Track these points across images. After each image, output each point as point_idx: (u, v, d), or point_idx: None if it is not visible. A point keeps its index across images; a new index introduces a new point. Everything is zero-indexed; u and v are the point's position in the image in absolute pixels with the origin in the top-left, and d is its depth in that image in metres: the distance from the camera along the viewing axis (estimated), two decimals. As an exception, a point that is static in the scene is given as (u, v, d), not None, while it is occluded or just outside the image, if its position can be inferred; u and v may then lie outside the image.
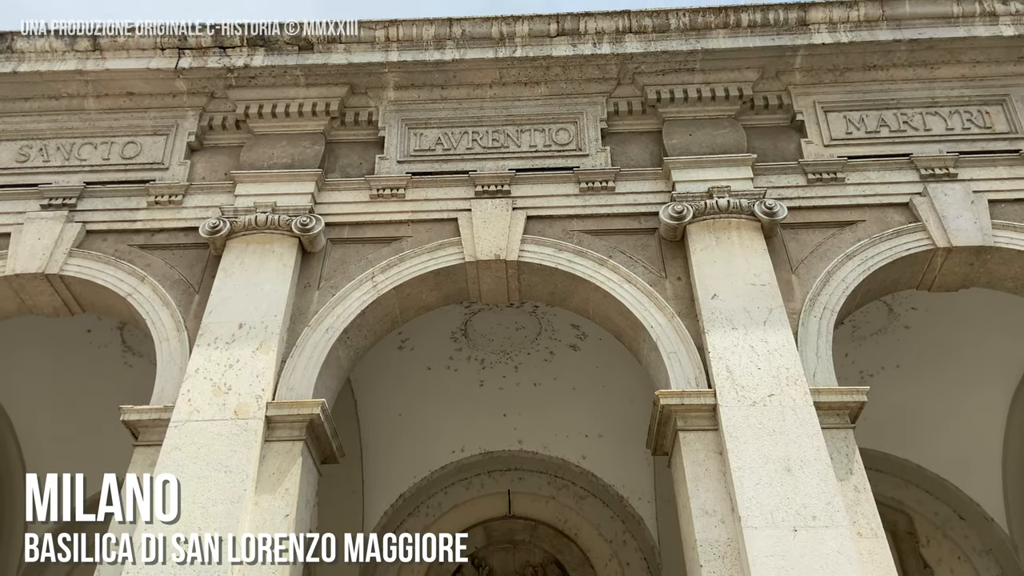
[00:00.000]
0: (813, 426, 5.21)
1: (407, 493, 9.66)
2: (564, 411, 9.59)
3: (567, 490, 9.89)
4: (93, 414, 8.73)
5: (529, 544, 9.63)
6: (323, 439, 5.77)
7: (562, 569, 9.40)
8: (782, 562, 4.63)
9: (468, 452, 9.93)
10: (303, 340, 6.02)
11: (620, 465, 9.59)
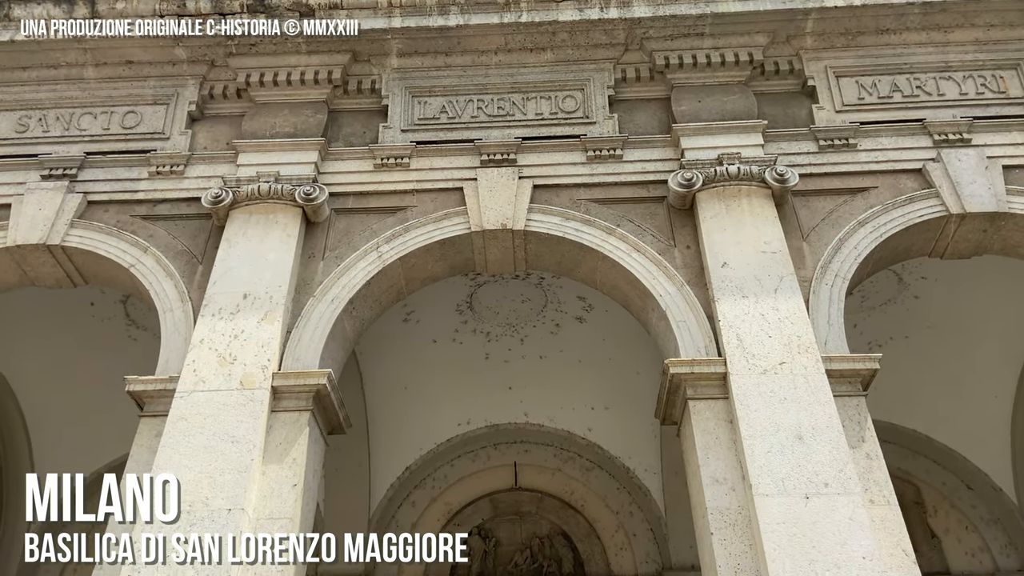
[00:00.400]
0: (825, 394, 5.15)
1: (413, 466, 9.67)
2: (570, 383, 9.56)
3: (573, 462, 9.89)
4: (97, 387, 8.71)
5: (535, 516, 9.65)
6: (330, 409, 5.73)
7: (568, 540, 9.42)
8: (793, 529, 4.59)
9: (474, 425, 9.92)
10: (308, 311, 5.96)
11: (626, 437, 9.58)
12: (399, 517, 9.58)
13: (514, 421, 9.90)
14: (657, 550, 9.15)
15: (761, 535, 4.60)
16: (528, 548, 9.31)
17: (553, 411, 9.82)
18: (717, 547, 4.75)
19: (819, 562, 4.46)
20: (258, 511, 4.99)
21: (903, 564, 4.59)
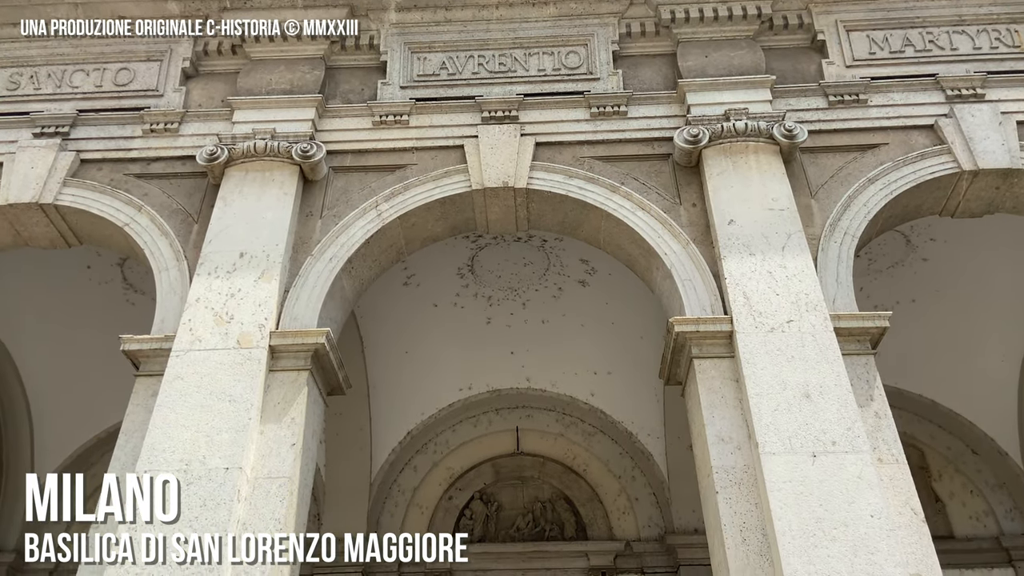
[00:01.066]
0: (833, 352, 5.05)
1: (415, 431, 9.63)
2: (573, 348, 9.48)
3: (576, 427, 9.85)
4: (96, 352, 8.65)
5: (538, 480, 9.62)
6: (329, 369, 5.65)
7: (571, 504, 9.40)
8: (800, 488, 4.52)
9: (476, 390, 9.87)
10: (306, 270, 5.85)
11: (629, 402, 9.52)
12: (401, 481, 9.56)
13: (516, 386, 9.83)
14: (660, 514, 9.13)
15: (767, 493, 4.52)
16: (530, 512, 9.30)
17: (555, 376, 9.75)
18: (722, 506, 4.68)
19: (826, 520, 4.39)
20: (256, 470, 4.92)
21: (911, 523, 4.51)
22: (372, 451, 9.33)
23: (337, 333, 6.02)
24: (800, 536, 4.35)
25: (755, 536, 4.55)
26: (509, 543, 8.94)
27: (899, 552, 4.27)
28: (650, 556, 8.80)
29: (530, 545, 8.86)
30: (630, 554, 8.87)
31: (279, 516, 4.75)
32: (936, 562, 4.37)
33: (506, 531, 9.20)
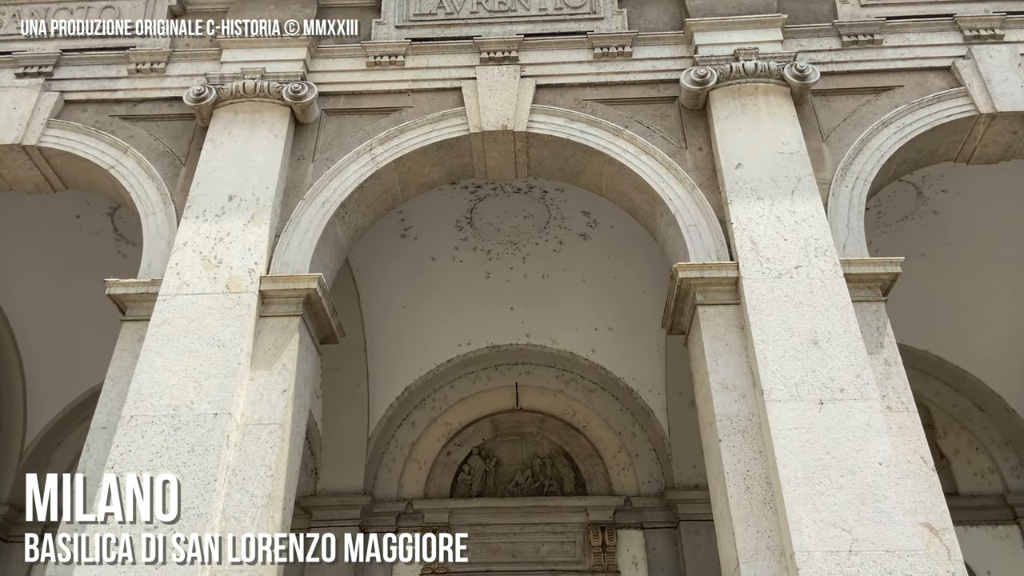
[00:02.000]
0: (843, 298, 4.87)
1: (413, 386, 9.50)
2: (573, 303, 9.31)
3: (576, 383, 9.72)
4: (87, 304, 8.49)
5: (537, 436, 9.52)
6: (321, 316, 5.48)
7: (570, 460, 9.31)
8: (807, 435, 4.37)
9: (475, 346, 9.72)
10: (298, 214, 5.66)
11: (630, 358, 9.38)
12: (399, 437, 9.46)
13: (515, 342, 9.69)
14: (660, 470, 9.04)
15: (772, 441, 4.38)
16: (529, 468, 9.21)
17: (556, 332, 9.60)
18: (725, 454, 4.54)
19: (833, 468, 4.25)
20: (246, 416, 4.79)
21: (921, 471, 4.38)
22: (369, 406, 9.21)
23: (330, 280, 5.86)
24: (805, 484, 4.21)
25: (759, 484, 4.42)
26: (508, 498, 8.87)
27: (908, 500, 4.14)
28: (650, 511, 8.73)
29: (529, 500, 8.78)
30: (629, 509, 8.80)
31: (270, 463, 4.63)
32: (946, 511, 4.24)
33: (505, 486, 9.12)
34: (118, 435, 4.54)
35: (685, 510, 8.45)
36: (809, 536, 4.05)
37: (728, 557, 4.42)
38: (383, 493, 9.05)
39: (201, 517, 4.27)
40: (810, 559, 3.99)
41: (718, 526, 4.68)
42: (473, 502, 8.83)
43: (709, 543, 8.31)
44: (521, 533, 8.69)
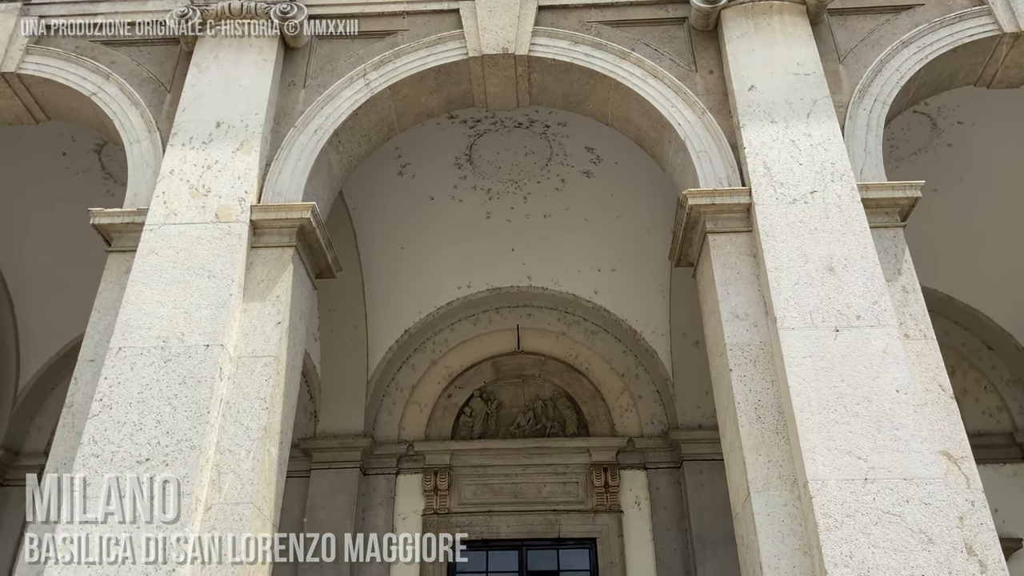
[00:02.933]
0: (860, 223, 4.67)
1: (412, 329, 9.35)
2: (575, 244, 9.10)
3: (578, 326, 9.58)
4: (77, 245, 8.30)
5: (539, 379, 9.41)
6: (316, 248, 5.28)
7: (572, 402, 9.22)
8: (821, 363, 4.21)
9: (475, 288, 9.54)
10: (289, 142, 5.41)
11: (634, 299, 9.21)
12: (399, 379, 9.35)
13: (517, 284, 9.50)
14: (663, 411, 8.95)
15: (785, 370, 4.22)
16: (531, 410, 9.12)
17: (557, 273, 9.41)
18: (736, 384, 4.38)
19: (848, 396, 4.10)
20: (239, 349, 4.62)
21: (939, 399, 4.23)
22: (368, 349, 9.07)
23: (325, 212, 5.64)
24: (819, 412, 4.07)
25: (770, 414, 4.28)
26: (510, 439, 8.79)
27: (926, 428, 3.99)
28: (653, 452, 8.66)
29: (531, 441, 8.70)
30: (632, 450, 8.73)
31: (264, 395, 4.47)
32: (965, 439, 4.10)
33: (506, 428, 9.04)
34: (106, 367, 4.38)
35: (688, 450, 8.38)
36: (823, 464, 3.92)
37: (738, 488, 4.29)
38: (384, 435, 8.97)
39: (195, 449, 4.13)
40: (824, 487, 3.86)
41: (727, 458, 4.55)
42: (475, 443, 8.76)
43: (712, 482, 8.29)
44: (523, 474, 8.63)
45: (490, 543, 8.37)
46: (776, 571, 3.84)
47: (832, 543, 3.71)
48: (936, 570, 3.60)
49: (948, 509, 3.76)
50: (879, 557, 3.65)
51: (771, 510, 4.00)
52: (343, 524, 8.17)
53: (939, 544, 3.67)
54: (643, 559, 8.17)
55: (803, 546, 3.89)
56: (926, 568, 3.61)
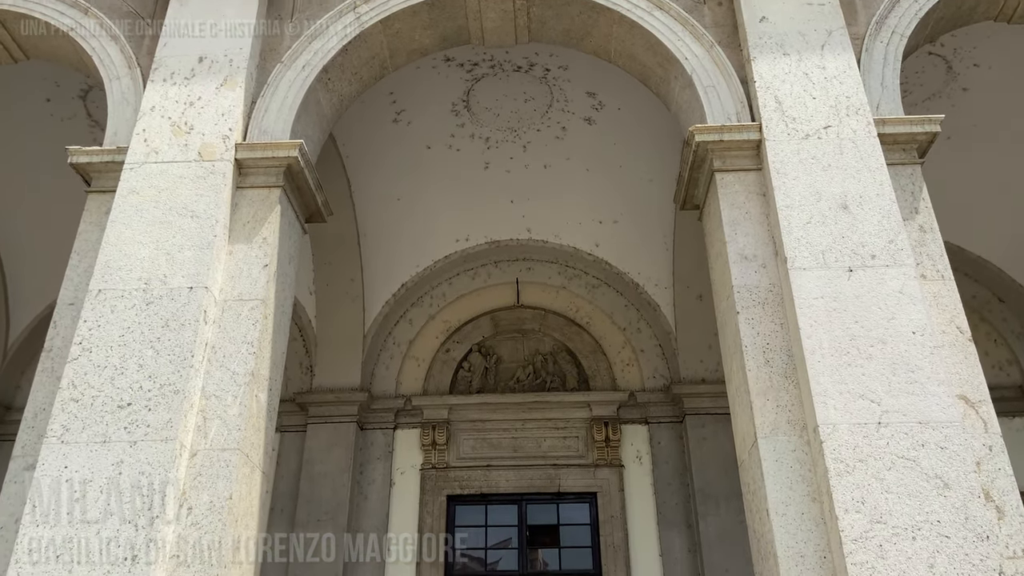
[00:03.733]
0: (876, 159, 4.44)
1: (409, 283, 9.15)
2: (576, 195, 8.87)
3: (579, 279, 9.37)
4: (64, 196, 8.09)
5: (538, 333, 9.23)
6: (305, 190, 5.05)
7: (573, 357, 9.05)
8: (834, 304, 4.02)
9: (473, 241, 9.32)
10: (275, 78, 5.15)
11: (636, 251, 9.00)
12: (396, 334, 9.18)
13: (516, 237, 9.29)
14: (666, 365, 8.79)
15: (796, 311, 4.02)
16: (531, 364, 8.96)
17: (558, 226, 9.18)
18: (743, 327, 4.20)
19: (862, 338, 3.91)
20: (225, 292, 4.43)
21: (957, 341, 4.04)
22: (364, 303, 8.89)
23: (314, 153, 5.41)
24: (831, 355, 3.88)
25: (779, 357, 4.10)
26: (509, 394, 8.65)
27: (943, 371, 3.81)
28: (654, 406, 8.52)
29: (530, 395, 8.56)
30: (634, 404, 8.59)
31: (252, 340, 4.29)
32: (983, 383, 3.92)
33: (506, 383, 8.89)
34: (85, 310, 4.19)
35: (691, 404, 8.24)
36: (835, 408, 3.75)
37: (745, 434, 4.13)
38: (381, 390, 8.83)
39: (178, 394, 3.96)
40: (835, 432, 3.69)
41: (733, 404, 4.38)
42: (473, 398, 8.61)
43: (715, 436, 8.17)
44: (523, 429, 8.50)
45: (489, 497, 8.28)
46: (784, 518, 3.69)
47: (843, 488, 3.55)
48: (952, 516, 3.45)
49: (965, 454, 3.60)
50: (892, 503, 3.50)
51: (779, 456, 3.84)
52: (340, 478, 8.07)
53: (955, 489, 3.52)
54: (644, 513, 8.09)
55: (812, 492, 3.74)
56: (942, 514, 3.46)
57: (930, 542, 3.40)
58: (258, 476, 4.20)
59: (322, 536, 7.85)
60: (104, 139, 5.00)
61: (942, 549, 3.39)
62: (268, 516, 8.19)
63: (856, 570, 3.36)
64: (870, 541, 3.42)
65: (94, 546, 3.59)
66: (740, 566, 7.58)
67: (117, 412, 3.90)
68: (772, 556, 3.67)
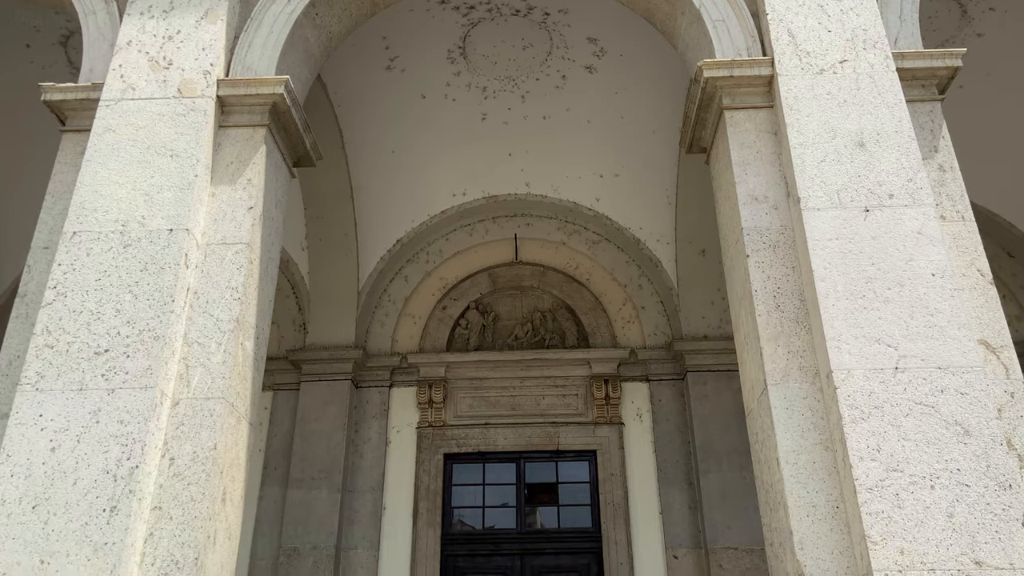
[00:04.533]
0: (894, 95, 4.19)
1: (405, 239, 8.92)
2: (576, 148, 8.60)
3: (579, 235, 9.15)
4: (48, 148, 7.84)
5: (537, 290, 9.03)
6: (292, 131, 4.81)
7: (572, 314, 8.86)
8: (848, 245, 3.81)
9: (471, 196, 9.07)
10: (260, 12, 4.87)
11: (638, 206, 8.76)
12: (391, 291, 8.98)
13: (515, 192, 9.03)
14: (667, 322, 8.61)
15: (809, 253, 3.82)
16: (529, 322, 8.77)
17: (557, 180, 8.93)
18: (753, 271, 3.99)
19: (878, 280, 3.71)
20: (208, 235, 4.21)
21: (978, 284, 3.84)
22: (359, 259, 8.67)
23: (302, 93, 5.15)
24: (846, 298, 3.68)
25: (791, 302, 3.90)
26: (507, 351, 8.47)
27: (963, 315, 3.61)
28: (655, 363, 8.35)
29: (529, 353, 8.38)
30: (634, 362, 8.43)
31: (236, 285, 4.08)
32: (1005, 327, 3.73)
33: (504, 341, 8.72)
34: (60, 253, 3.97)
35: (693, 361, 8.07)
36: (849, 353, 3.56)
37: (754, 382, 3.95)
38: (376, 347, 8.66)
39: (158, 340, 3.76)
40: (850, 377, 3.50)
41: (742, 352, 4.19)
42: (470, 355, 8.44)
43: (717, 394, 8.02)
44: (521, 387, 8.35)
45: (487, 455, 8.15)
46: (794, 467, 3.52)
47: (858, 436, 3.38)
48: (973, 464, 3.28)
49: (986, 400, 3.42)
50: (910, 450, 3.32)
51: (790, 403, 3.66)
52: (335, 436, 7.93)
53: (976, 437, 3.34)
54: (644, 471, 7.97)
55: (824, 440, 3.57)
56: (961, 462, 3.29)
57: (949, 491, 3.24)
58: (244, 427, 4.02)
59: (317, 494, 7.73)
60: (79, 76, 4.73)
61: (962, 498, 3.22)
62: (261, 474, 8.06)
63: (871, 520, 3.20)
64: (886, 490, 3.25)
65: (71, 497, 3.42)
66: (742, 523, 7.49)
67: (94, 359, 3.71)
68: (782, 506, 3.50)
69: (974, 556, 3.13)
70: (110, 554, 3.31)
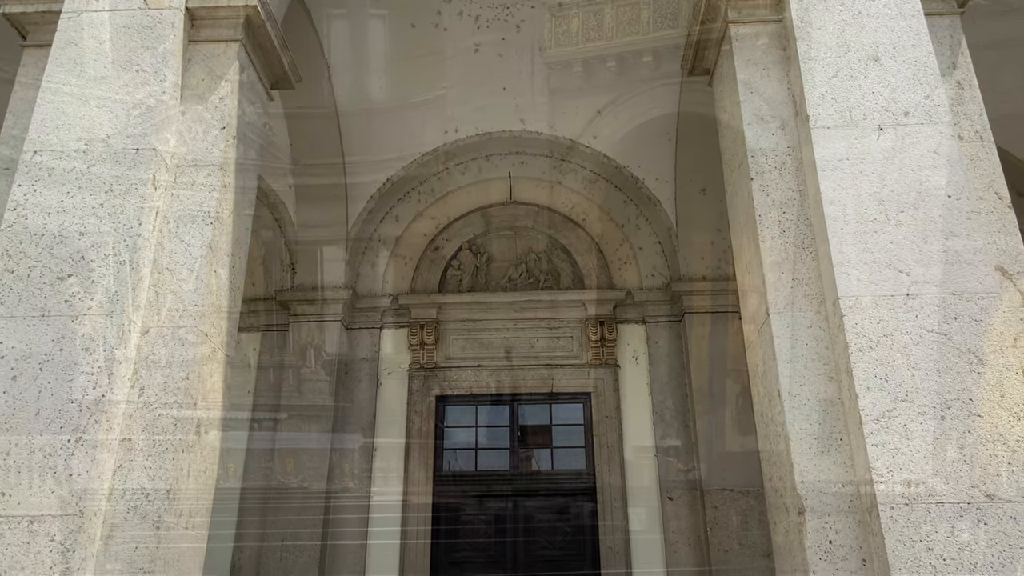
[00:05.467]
0: (912, 6, 3.91)
1: (395, 177, 8.64)
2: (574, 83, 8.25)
3: (575, 174, 8.86)
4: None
5: (532, 231, 8.80)
6: (268, 48, 4.52)
7: (568, 255, 8.64)
8: (860, 166, 3.57)
9: (463, 133, 8.75)
10: (233, -81, 4.52)
11: (636, 144, 8.46)
12: (381, 232, 8.73)
13: (509, 128, 8.71)
14: (665, 263, 8.40)
15: (818, 174, 3.59)
16: (523, 263, 8.55)
17: (553, 116, 8.60)
18: (757, 195, 3.76)
19: (891, 202, 3.49)
20: (178, 157, 3.96)
21: (995, 208, 3.63)
22: (347, 199, 8.40)
23: (279, 9, 4.83)
24: (856, 221, 3.47)
25: (796, 227, 3.68)
26: (500, 292, 8.28)
27: (980, 239, 3.40)
28: (652, 305, 8.17)
29: (523, 294, 8.19)
30: (631, 303, 8.24)
31: (208, 210, 3.85)
32: (1023, 252, 3.52)
33: (497, 282, 8.51)
34: (19, 174, 3.73)
35: (691, 302, 7.88)
36: (858, 280, 3.35)
37: (755, 312, 3.75)
38: (366, 289, 8.45)
39: (125, 265, 3.54)
40: (857, 305, 3.31)
41: (743, 282, 3.99)
42: (463, 296, 8.25)
43: (715, 336, 7.85)
44: (515, 328, 8.17)
45: (479, 397, 8.02)
46: (796, 398, 3.35)
47: (865, 365, 3.19)
48: (987, 394, 3.11)
49: (1002, 328, 3.23)
50: (920, 380, 3.14)
51: (793, 332, 3.47)
52: (325, 378, 7.78)
53: (990, 366, 3.16)
54: (639, 413, 7.84)
55: (829, 371, 3.39)
56: (975, 391, 3.11)
57: (961, 421, 3.07)
58: (220, 357, 3.83)
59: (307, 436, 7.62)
60: (38, -13, 4.42)
61: (973, 429, 3.05)
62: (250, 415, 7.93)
63: (877, 451, 3.04)
64: (894, 420, 3.08)
65: (34, 427, 3.24)
66: (737, 465, 7.39)
67: (57, 284, 3.50)
68: (783, 439, 3.34)
69: (985, 489, 2.97)
70: (75, 486, 3.15)
